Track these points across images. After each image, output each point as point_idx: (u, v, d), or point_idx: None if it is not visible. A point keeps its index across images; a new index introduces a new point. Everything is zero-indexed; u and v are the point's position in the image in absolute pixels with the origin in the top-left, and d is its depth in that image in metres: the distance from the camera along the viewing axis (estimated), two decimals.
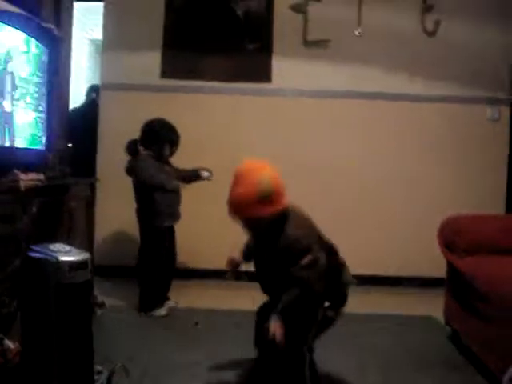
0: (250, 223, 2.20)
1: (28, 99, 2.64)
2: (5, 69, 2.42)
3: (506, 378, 2.11)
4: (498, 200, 4.37)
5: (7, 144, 2.48)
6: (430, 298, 3.73)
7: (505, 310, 2.33)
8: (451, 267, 3.05)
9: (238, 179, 2.16)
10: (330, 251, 2.32)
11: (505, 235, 2.98)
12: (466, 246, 2.93)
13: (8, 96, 2.46)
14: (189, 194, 3.56)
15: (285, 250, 2.15)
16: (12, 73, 2.47)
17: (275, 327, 2.08)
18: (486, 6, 4.37)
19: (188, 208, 3.60)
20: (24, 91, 2.60)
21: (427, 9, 4.38)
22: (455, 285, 3.01)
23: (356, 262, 4.26)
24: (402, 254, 4.36)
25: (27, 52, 2.59)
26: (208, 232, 4.29)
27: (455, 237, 2.99)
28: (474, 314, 2.68)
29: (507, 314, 2.30)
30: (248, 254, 2.46)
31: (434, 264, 3.41)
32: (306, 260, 2.12)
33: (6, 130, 2.47)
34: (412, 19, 4.40)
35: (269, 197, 2.10)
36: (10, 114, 2.50)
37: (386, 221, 4.39)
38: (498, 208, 4.30)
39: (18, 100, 2.55)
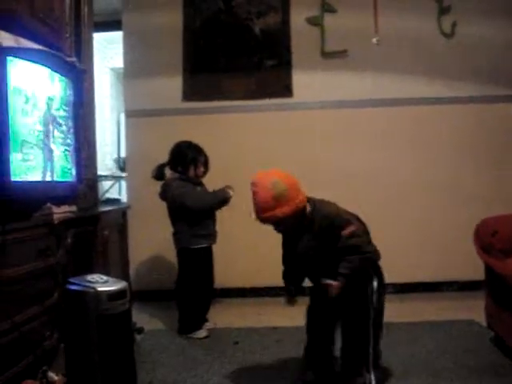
0: (280, 224, 2.35)
1: (56, 133, 2.68)
2: (49, 110, 2.48)
3: None
4: None
5: (48, 179, 2.51)
6: (471, 301, 3.66)
7: None
8: (489, 269, 3.00)
9: (253, 189, 2.34)
10: (359, 220, 2.50)
11: None
12: (503, 247, 2.87)
13: (51, 135, 2.52)
14: (222, 211, 3.56)
15: (325, 230, 2.34)
16: (54, 114, 2.52)
17: (338, 285, 2.26)
18: (503, 3, 4.32)
19: (222, 226, 3.60)
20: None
21: (444, 11, 4.35)
22: (495, 287, 2.96)
23: (392, 270, 4.23)
24: (438, 258, 4.29)
25: (52, 87, 2.63)
26: (243, 250, 4.29)
27: (492, 238, 2.94)
28: None
29: None
30: (291, 277, 2.58)
31: (472, 267, 3.35)
32: (348, 230, 2.32)
33: (48, 165, 2.52)
34: (429, 22, 4.37)
35: (285, 195, 2.27)
36: (52, 151, 2.55)
37: (420, 226, 4.33)
38: None
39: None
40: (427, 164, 4.36)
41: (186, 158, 3.47)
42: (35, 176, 2.38)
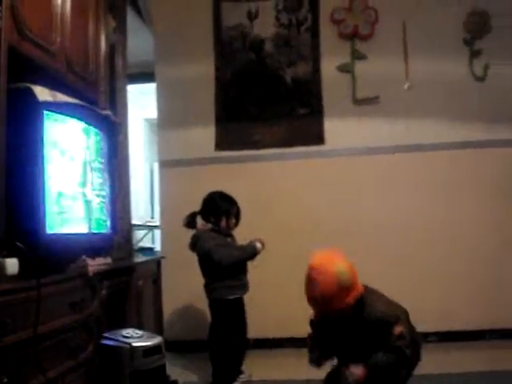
0: (334, 313, 2.24)
1: (92, 185, 2.71)
2: (85, 163, 2.51)
3: None
4: None
5: (84, 231, 2.52)
6: None
7: None
8: None
9: (314, 274, 2.25)
10: (405, 313, 2.35)
11: None
12: None
13: (87, 187, 2.55)
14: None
15: (373, 325, 2.23)
16: (90, 166, 2.56)
17: (360, 374, 2.15)
18: None
19: (254, 275, 3.56)
20: None
21: (475, 54, 4.34)
22: None
23: (432, 318, 4.15)
24: (480, 304, 4.13)
25: (88, 140, 2.67)
26: (276, 299, 4.21)
27: None
28: None
29: None
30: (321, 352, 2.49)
31: None
32: (398, 330, 2.20)
33: (85, 218, 2.53)
34: (460, 66, 4.33)
35: (350, 285, 2.18)
36: (88, 202, 2.57)
37: (460, 273, 4.20)
38: None
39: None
40: (467, 208, 4.24)
41: (219, 210, 3.49)
42: (71, 228, 2.40)
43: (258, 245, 3.46)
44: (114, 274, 2.92)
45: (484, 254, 4.19)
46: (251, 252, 3.45)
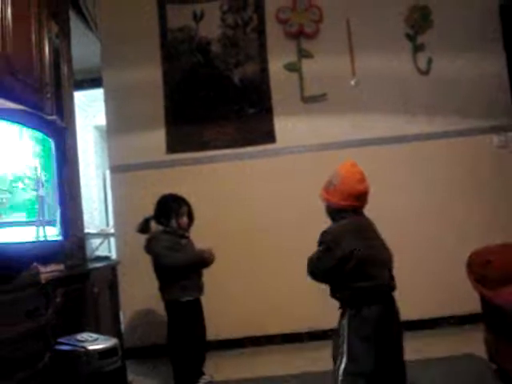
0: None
1: (41, 192, 2.66)
2: (31, 170, 2.47)
3: None
4: None
5: (34, 239, 2.48)
6: (471, 335, 3.62)
7: None
8: (485, 301, 2.97)
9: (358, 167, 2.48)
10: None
11: None
12: (497, 277, 2.86)
13: (35, 194, 2.50)
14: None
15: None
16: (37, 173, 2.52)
17: None
18: (476, 38, 4.42)
19: (211, 277, 3.55)
20: None
21: (418, 48, 4.45)
22: (493, 319, 2.93)
23: None
24: (434, 294, 4.24)
25: (34, 146, 2.63)
26: (234, 300, 4.23)
27: (485, 269, 2.93)
28: None
29: None
30: None
31: (469, 299, 3.31)
32: (317, 250, 2.36)
33: (33, 225, 2.49)
34: (404, 60, 4.46)
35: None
36: (36, 210, 2.53)
37: (412, 264, 4.28)
38: None
39: None
40: (415, 200, 4.36)
41: (169, 210, 3.47)
42: (20, 236, 2.35)
43: (206, 254, 3.43)
44: (69, 281, 2.87)
45: (434, 245, 4.30)
46: (196, 260, 3.42)
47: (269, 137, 4.41)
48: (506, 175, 4.37)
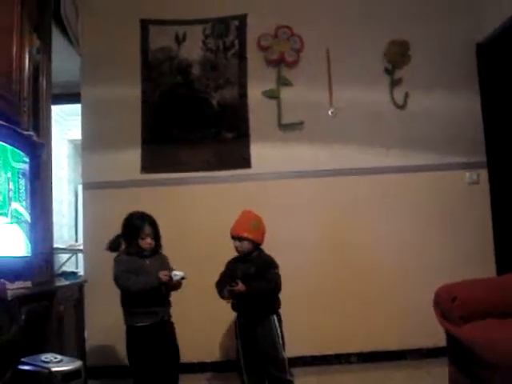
0: (247, 244, 3.41)
1: (11, 206, 2.63)
2: (4, 184, 2.44)
3: None
4: (488, 262, 4.35)
5: (1, 254, 2.44)
6: (437, 368, 3.64)
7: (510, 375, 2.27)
8: (450, 336, 2.99)
9: (247, 211, 3.56)
10: None
11: (500, 297, 2.95)
12: (462, 313, 2.88)
13: (6, 209, 2.47)
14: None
15: (263, 263, 3.33)
16: (9, 188, 2.49)
17: (239, 288, 3.18)
18: (453, 75, 4.52)
19: (180, 299, 3.51)
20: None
21: (395, 83, 4.53)
22: (457, 354, 2.95)
23: (355, 340, 4.25)
24: (401, 326, 4.27)
25: (8, 161, 2.60)
26: (201, 324, 4.19)
27: (450, 305, 2.95)
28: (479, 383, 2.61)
29: None
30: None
31: (436, 333, 3.33)
32: (276, 270, 3.32)
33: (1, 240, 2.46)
34: (382, 94, 4.53)
35: (264, 231, 3.45)
36: (5, 225, 2.50)
37: (380, 295, 4.32)
38: (488, 269, 4.28)
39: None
40: (385, 231, 4.41)
41: (132, 229, 3.34)
42: None
43: (163, 276, 3.22)
44: (34, 299, 2.83)
45: (403, 277, 4.34)
46: (152, 283, 3.22)
47: (244, 162, 4.42)
48: (478, 210, 4.44)
